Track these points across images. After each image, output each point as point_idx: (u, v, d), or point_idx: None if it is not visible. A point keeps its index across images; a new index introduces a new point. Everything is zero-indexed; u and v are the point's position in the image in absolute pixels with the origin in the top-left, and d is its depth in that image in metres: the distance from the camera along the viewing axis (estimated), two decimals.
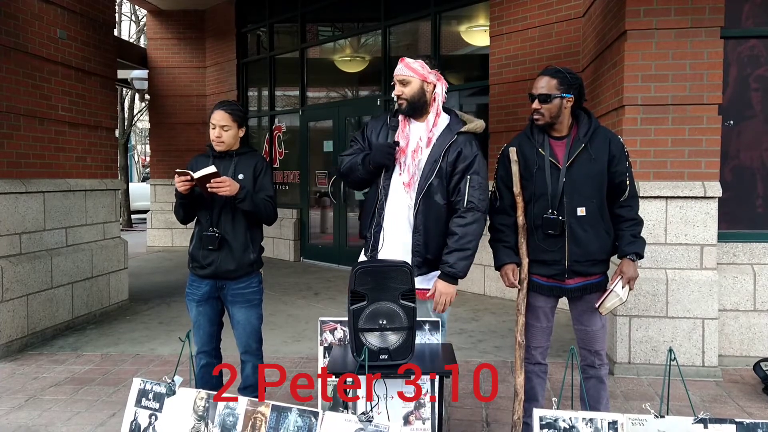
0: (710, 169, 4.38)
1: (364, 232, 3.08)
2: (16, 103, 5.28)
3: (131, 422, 2.31)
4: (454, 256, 2.88)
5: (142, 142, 32.03)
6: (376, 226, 2.99)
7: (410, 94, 2.92)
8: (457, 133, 2.96)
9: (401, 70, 2.95)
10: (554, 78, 2.88)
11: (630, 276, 2.90)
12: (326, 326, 2.95)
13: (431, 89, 2.96)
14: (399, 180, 2.97)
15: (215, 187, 3.06)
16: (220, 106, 3.27)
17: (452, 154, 2.93)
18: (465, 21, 7.99)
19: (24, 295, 5.20)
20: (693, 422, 1.97)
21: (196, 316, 3.33)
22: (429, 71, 2.94)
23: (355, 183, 3.11)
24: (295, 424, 2.07)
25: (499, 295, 7.00)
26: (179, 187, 3.12)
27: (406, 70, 2.94)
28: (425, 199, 2.92)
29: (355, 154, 3.05)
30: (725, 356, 4.53)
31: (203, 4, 11.29)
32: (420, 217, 2.93)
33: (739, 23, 4.48)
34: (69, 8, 5.98)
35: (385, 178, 2.97)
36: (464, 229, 2.90)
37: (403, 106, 2.96)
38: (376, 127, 3.10)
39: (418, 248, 2.93)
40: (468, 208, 2.91)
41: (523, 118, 6.47)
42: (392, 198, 2.97)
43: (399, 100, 2.96)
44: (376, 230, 2.99)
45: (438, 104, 2.99)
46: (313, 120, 10.04)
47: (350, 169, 3.03)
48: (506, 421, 3.58)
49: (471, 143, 2.98)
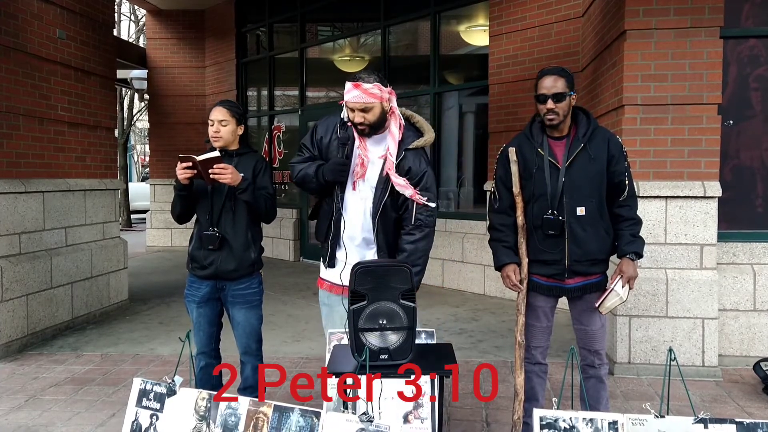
0: (710, 169, 4.38)
1: (320, 238, 3.08)
2: (15, 103, 5.27)
3: (132, 422, 2.30)
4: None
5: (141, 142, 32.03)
6: (332, 239, 2.99)
7: (373, 120, 2.82)
8: (405, 149, 2.88)
9: (361, 98, 2.78)
10: (562, 77, 2.89)
11: (630, 275, 2.91)
12: (334, 336, 2.95)
13: (389, 106, 2.86)
14: (355, 194, 2.95)
15: (217, 173, 3.00)
16: (219, 104, 3.29)
17: (402, 169, 2.88)
18: (464, 21, 7.99)
19: (24, 295, 5.19)
20: (693, 422, 1.97)
21: (197, 318, 3.32)
22: (385, 90, 2.83)
23: (312, 192, 3.10)
24: (297, 424, 2.07)
25: (499, 295, 7.01)
26: (180, 175, 3.07)
27: (366, 97, 2.78)
28: (382, 218, 2.92)
29: (305, 164, 3.02)
30: (725, 356, 4.53)
31: (203, 4, 11.29)
32: (381, 236, 2.93)
33: (738, 23, 4.48)
34: (68, 8, 5.98)
35: (339, 190, 2.96)
36: (413, 246, 2.90)
37: (366, 131, 2.86)
38: (326, 134, 3.01)
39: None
40: (416, 225, 2.89)
41: (523, 118, 6.48)
42: (350, 215, 2.96)
43: (361, 126, 2.84)
44: (333, 242, 3.00)
45: (398, 117, 2.90)
46: (312, 120, 10.03)
47: (303, 180, 3.01)
48: (506, 421, 3.58)
49: (420, 159, 2.91)
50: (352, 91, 2.80)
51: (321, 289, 3.14)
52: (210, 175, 3.02)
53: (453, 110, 8.22)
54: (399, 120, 2.91)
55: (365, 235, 2.96)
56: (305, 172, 3.00)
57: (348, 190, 2.95)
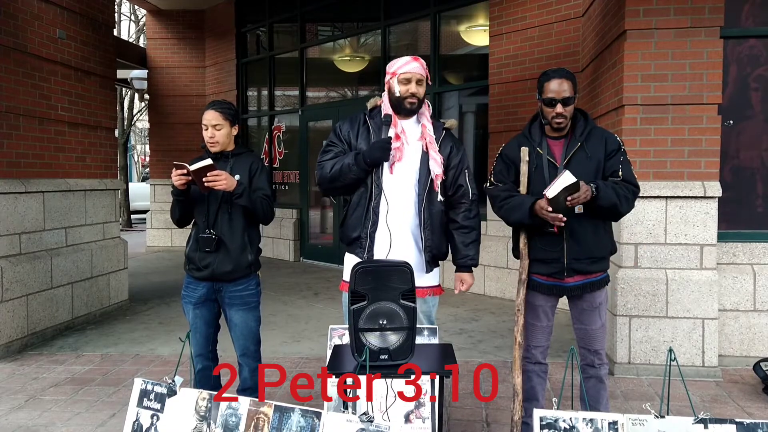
0: (710, 169, 4.38)
1: (354, 234, 3.02)
2: (15, 103, 5.27)
3: (133, 422, 2.31)
4: (473, 248, 3.03)
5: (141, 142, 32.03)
6: (372, 226, 2.95)
7: (423, 94, 2.97)
8: (443, 128, 3.04)
9: (420, 69, 2.95)
10: (568, 79, 2.88)
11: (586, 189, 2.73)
12: (335, 333, 2.95)
13: None
14: (394, 177, 2.95)
15: (211, 181, 2.99)
16: (210, 106, 3.25)
17: (445, 149, 2.99)
18: (465, 21, 7.99)
19: (24, 295, 5.19)
20: (693, 422, 1.97)
21: (193, 320, 3.30)
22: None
23: (344, 186, 3.02)
24: (298, 425, 2.07)
25: (499, 295, 7.01)
26: (176, 181, 3.07)
27: (423, 71, 2.96)
28: (429, 195, 2.94)
29: (339, 157, 3.00)
30: (725, 356, 4.53)
31: (203, 4, 11.29)
32: (426, 212, 2.94)
33: (738, 23, 4.48)
34: (68, 8, 5.98)
35: (375, 176, 2.94)
36: (475, 221, 3.04)
37: (415, 105, 2.97)
38: (353, 128, 3.05)
39: (429, 243, 2.96)
40: (473, 200, 3.04)
41: (523, 118, 6.48)
42: (392, 195, 2.95)
43: (412, 99, 2.94)
44: (372, 230, 2.96)
45: (428, 104, 3.08)
46: (312, 120, 10.04)
47: (340, 171, 2.95)
48: (506, 421, 3.58)
49: (455, 138, 3.10)
50: (412, 63, 2.94)
51: (344, 292, 3.05)
52: (204, 183, 3.00)
53: (453, 110, 8.22)
54: (428, 106, 3.08)
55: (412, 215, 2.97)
56: (341, 162, 2.95)
57: (386, 174, 2.95)
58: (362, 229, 2.99)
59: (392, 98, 2.99)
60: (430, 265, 3.01)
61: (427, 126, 2.98)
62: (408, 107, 2.95)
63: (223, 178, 3.01)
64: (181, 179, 3.06)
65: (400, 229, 2.97)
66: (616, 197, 2.82)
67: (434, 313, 3.12)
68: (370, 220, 2.96)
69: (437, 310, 3.22)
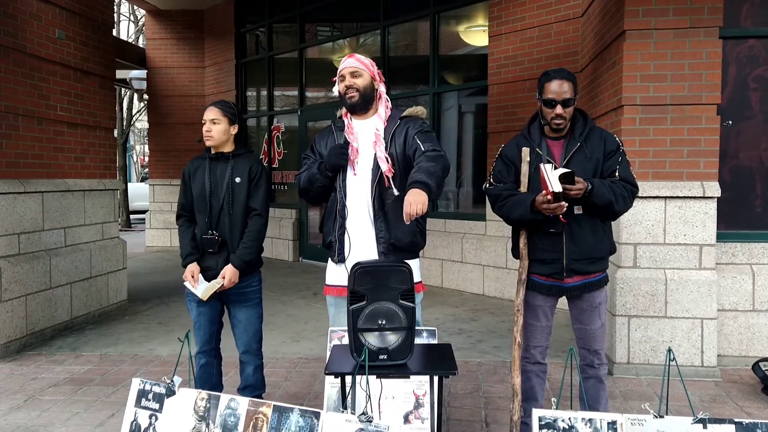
0: (709, 169, 4.38)
1: (327, 239, 3.06)
2: (14, 103, 5.27)
3: (131, 423, 2.30)
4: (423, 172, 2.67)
5: (140, 142, 32.00)
6: (339, 228, 2.99)
7: (362, 86, 2.97)
8: (399, 118, 3.00)
9: (352, 63, 3.01)
10: (569, 80, 2.88)
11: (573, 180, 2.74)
12: (335, 335, 2.95)
13: (377, 87, 3.02)
14: (357, 179, 2.98)
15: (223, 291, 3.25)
16: (212, 104, 3.35)
17: (399, 137, 2.95)
18: (464, 21, 7.99)
19: (23, 295, 5.19)
20: (692, 422, 1.97)
21: (197, 317, 3.33)
22: (375, 69, 3.04)
23: (316, 195, 3.06)
24: (297, 425, 2.07)
25: (498, 295, 7.01)
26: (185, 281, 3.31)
27: (357, 63, 3.00)
28: (380, 186, 2.93)
29: (309, 168, 3.06)
30: (724, 356, 4.53)
31: (202, 4, 11.28)
32: (377, 203, 2.93)
33: (737, 23, 4.48)
34: (67, 8, 5.98)
35: (340, 179, 2.98)
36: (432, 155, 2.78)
37: (355, 98, 2.97)
38: (323, 138, 3.13)
39: (380, 234, 2.93)
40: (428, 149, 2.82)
41: (522, 118, 6.48)
42: (351, 195, 2.98)
43: (350, 92, 2.97)
44: (340, 232, 2.99)
45: (386, 101, 3.05)
46: (311, 120, 10.03)
47: (309, 182, 3.02)
48: (506, 421, 3.58)
49: (415, 121, 3.00)
50: (345, 61, 3.04)
51: (328, 296, 3.11)
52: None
53: (452, 110, 8.22)
54: (387, 104, 3.05)
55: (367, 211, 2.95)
56: (309, 172, 3.03)
57: (349, 176, 2.99)
58: (332, 233, 3.03)
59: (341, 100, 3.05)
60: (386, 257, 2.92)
61: (376, 122, 2.99)
62: (349, 102, 2.99)
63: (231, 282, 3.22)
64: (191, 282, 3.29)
65: (359, 227, 2.98)
66: (612, 195, 2.82)
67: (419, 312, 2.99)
68: (337, 223, 3.00)
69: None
